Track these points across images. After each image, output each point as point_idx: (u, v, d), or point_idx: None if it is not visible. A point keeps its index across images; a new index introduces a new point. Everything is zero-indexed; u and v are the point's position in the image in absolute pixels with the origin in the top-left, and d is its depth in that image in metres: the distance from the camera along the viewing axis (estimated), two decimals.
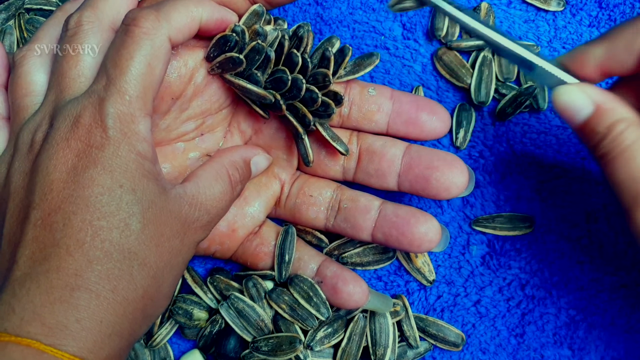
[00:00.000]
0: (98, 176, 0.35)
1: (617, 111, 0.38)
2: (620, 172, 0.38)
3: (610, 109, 0.39)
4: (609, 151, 0.38)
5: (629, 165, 0.37)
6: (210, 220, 0.41)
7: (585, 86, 0.40)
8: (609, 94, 0.39)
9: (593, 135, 0.39)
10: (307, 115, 0.45)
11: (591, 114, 0.39)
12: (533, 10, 0.56)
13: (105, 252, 0.35)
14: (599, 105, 0.39)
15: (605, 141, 0.38)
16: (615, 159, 0.38)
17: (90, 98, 0.37)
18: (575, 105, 0.39)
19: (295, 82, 0.44)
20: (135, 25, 0.37)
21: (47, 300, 0.33)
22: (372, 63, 0.48)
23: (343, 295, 0.47)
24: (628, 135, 0.37)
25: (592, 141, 0.39)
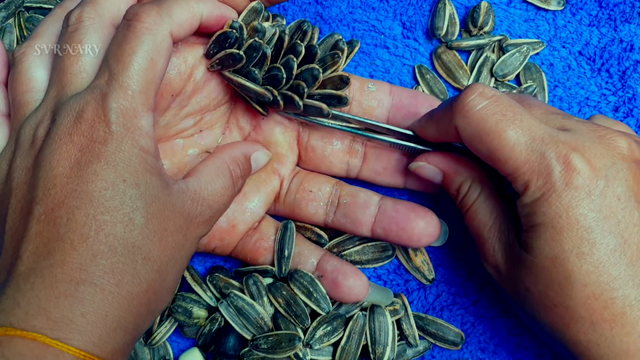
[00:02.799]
0: (101, 171, 0.35)
1: (460, 174, 0.44)
2: (470, 227, 0.44)
3: (453, 172, 0.44)
4: (461, 209, 0.45)
5: (473, 222, 0.44)
6: (213, 215, 0.41)
7: (432, 156, 0.46)
8: (455, 158, 0.45)
9: (451, 194, 0.45)
10: (300, 84, 0.45)
11: (442, 179, 0.45)
12: (533, 10, 0.56)
13: (110, 246, 0.35)
14: (444, 171, 0.45)
15: (457, 201, 0.44)
16: (465, 215, 0.44)
17: (93, 93, 0.37)
18: (428, 175, 0.46)
19: (287, 62, 0.44)
20: (137, 20, 0.38)
21: (52, 295, 0.33)
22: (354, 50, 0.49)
23: (343, 289, 0.47)
24: (470, 195, 0.44)
25: (454, 199, 0.45)
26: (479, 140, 0.39)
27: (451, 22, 0.55)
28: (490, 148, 0.38)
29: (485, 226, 0.42)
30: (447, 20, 0.55)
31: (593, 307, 0.37)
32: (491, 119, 0.38)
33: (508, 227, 0.41)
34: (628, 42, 0.55)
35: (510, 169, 0.38)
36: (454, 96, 0.41)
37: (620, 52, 0.55)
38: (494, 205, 0.42)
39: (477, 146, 0.39)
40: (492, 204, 0.42)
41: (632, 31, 0.55)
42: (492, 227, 0.42)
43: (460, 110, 0.39)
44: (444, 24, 0.55)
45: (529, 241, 0.38)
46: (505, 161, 0.38)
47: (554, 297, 0.38)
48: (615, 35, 0.55)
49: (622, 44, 0.55)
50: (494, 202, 0.42)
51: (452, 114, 0.40)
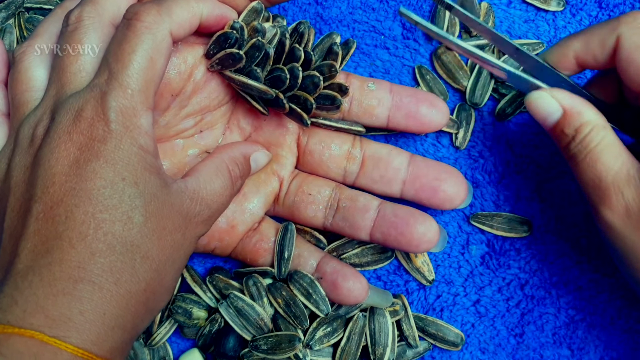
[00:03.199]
0: (100, 169, 0.35)
1: (584, 115, 0.41)
2: (587, 173, 0.40)
3: (577, 112, 0.41)
4: (576, 153, 0.41)
5: (594, 166, 0.40)
6: (211, 215, 0.41)
7: (555, 91, 0.42)
8: (578, 98, 0.42)
9: (562, 137, 0.42)
10: (308, 99, 0.45)
11: (560, 118, 0.42)
12: (533, 10, 0.56)
13: (108, 244, 0.34)
14: (567, 109, 0.41)
15: (573, 143, 0.41)
16: (582, 161, 0.41)
17: (92, 92, 0.37)
18: (545, 109, 0.42)
19: (292, 71, 0.44)
20: (137, 19, 0.38)
21: (50, 293, 0.33)
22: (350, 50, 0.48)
23: (343, 291, 0.47)
24: (593, 137, 0.40)
25: (562, 143, 0.42)
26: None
27: (451, 23, 0.55)
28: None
29: (610, 170, 0.40)
30: (447, 21, 0.55)
31: None
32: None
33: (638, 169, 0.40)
34: None
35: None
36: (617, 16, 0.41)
37: None
38: (621, 148, 0.40)
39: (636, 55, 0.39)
40: (619, 147, 0.40)
41: None
42: (620, 170, 0.40)
43: (630, 21, 0.40)
44: (443, 25, 0.55)
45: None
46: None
47: None
48: None
49: None
50: (620, 146, 0.40)
51: (619, 23, 0.40)
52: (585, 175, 0.41)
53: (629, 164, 0.39)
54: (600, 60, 0.42)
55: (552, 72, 0.45)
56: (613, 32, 0.40)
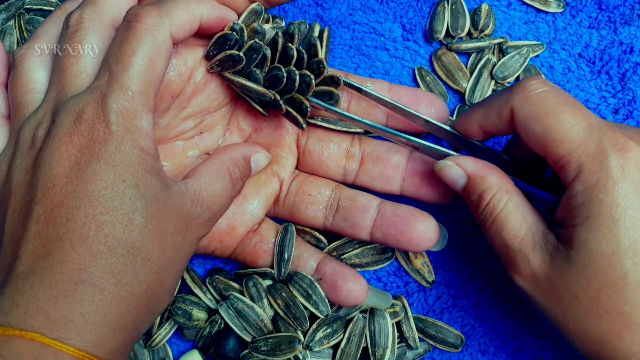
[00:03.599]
0: (101, 171, 0.35)
1: (487, 179, 0.42)
2: (495, 240, 0.41)
3: (480, 177, 0.42)
4: (483, 220, 0.42)
5: (501, 233, 0.41)
6: (212, 217, 0.41)
7: (459, 158, 0.44)
8: (483, 163, 0.43)
9: (470, 203, 0.43)
10: (303, 102, 0.45)
11: (465, 184, 0.43)
12: (533, 12, 0.56)
13: (109, 246, 0.34)
14: (470, 175, 0.43)
15: (479, 209, 0.42)
16: (489, 227, 0.41)
17: (93, 94, 0.37)
18: (452, 176, 0.44)
19: (289, 74, 0.44)
20: (137, 21, 0.38)
21: (51, 295, 0.33)
22: None
23: (342, 292, 0.47)
24: (496, 203, 0.41)
25: (471, 208, 0.43)
26: (536, 119, 0.39)
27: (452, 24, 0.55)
28: (547, 127, 0.38)
29: (516, 237, 0.40)
30: (446, 23, 0.55)
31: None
32: (552, 100, 0.39)
33: (545, 233, 0.40)
34: (628, 45, 0.55)
35: (564, 150, 0.38)
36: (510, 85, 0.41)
37: (620, 54, 0.55)
38: (525, 212, 0.41)
39: (532, 126, 0.39)
40: (522, 212, 0.41)
41: (632, 33, 0.55)
42: (525, 237, 0.40)
43: (521, 91, 0.40)
44: (442, 27, 0.55)
45: (581, 237, 0.37)
46: (561, 141, 0.38)
47: (606, 302, 0.36)
48: (615, 37, 0.55)
49: (622, 46, 0.55)
50: (525, 210, 0.41)
51: (511, 94, 0.41)
52: (493, 241, 0.42)
53: (534, 228, 0.40)
54: (501, 129, 0.43)
55: (465, 139, 0.46)
56: (507, 103, 0.41)
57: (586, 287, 0.37)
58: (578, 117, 0.38)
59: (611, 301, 0.36)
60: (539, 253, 0.39)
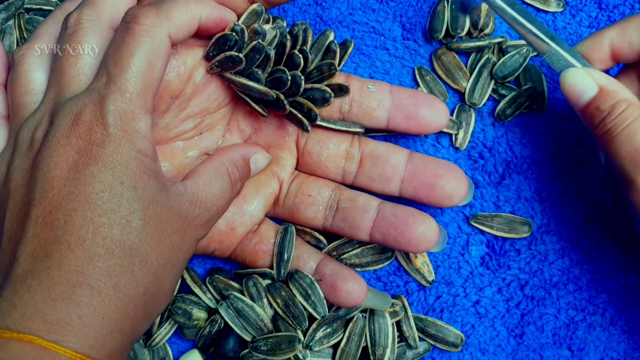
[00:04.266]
0: (99, 173, 0.35)
1: (620, 93, 0.41)
2: (624, 146, 0.40)
3: (613, 91, 0.41)
4: (612, 128, 0.41)
5: (631, 139, 0.40)
6: (211, 218, 0.41)
7: (591, 70, 0.43)
8: (613, 79, 0.42)
9: (597, 113, 0.42)
10: (313, 110, 0.45)
11: (595, 95, 0.42)
12: (533, 11, 0.56)
13: (107, 248, 0.34)
14: (603, 87, 0.42)
15: (608, 119, 0.41)
16: (619, 134, 0.40)
17: (91, 95, 0.37)
18: (581, 87, 0.42)
19: (294, 79, 0.44)
20: (136, 22, 0.38)
21: (48, 297, 0.33)
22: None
23: (342, 293, 0.47)
24: (630, 113, 0.40)
25: (596, 120, 0.42)
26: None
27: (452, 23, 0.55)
28: None
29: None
30: (446, 22, 0.55)
31: None
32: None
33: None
34: None
35: None
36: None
37: None
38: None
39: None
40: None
41: None
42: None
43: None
44: (442, 27, 0.55)
45: None
46: None
47: None
48: None
49: None
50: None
51: None
52: (622, 148, 0.41)
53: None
54: (638, 50, 0.42)
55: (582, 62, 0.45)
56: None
57: None
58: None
59: None
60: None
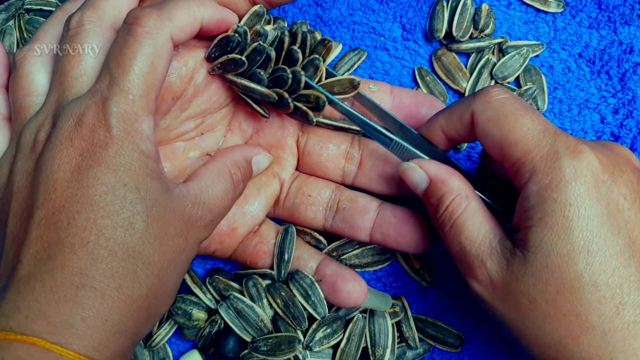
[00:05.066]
0: (102, 175, 0.35)
1: (447, 183, 0.42)
2: (453, 245, 0.41)
3: (441, 181, 0.42)
4: (441, 224, 0.42)
5: (458, 238, 0.40)
6: (213, 219, 0.41)
7: (424, 161, 0.43)
8: (445, 168, 0.43)
9: (429, 206, 0.43)
10: (320, 97, 0.45)
11: (427, 187, 0.43)
12: (533, 12, 0.56)
13: (110, 250, 0.35)
14: (432, 178, 0.42)
15: (438, 213, 0.42)
16: (447, 232, 0.41)
17: (94, 97, 0.37)
18: (414, 179, 0.44)
19: (295, 75, 0.44)
20: (138, 24, 0.37)
21: (52, 299, 0.33)
22: None
23: (342, 293, 0.47)
24: (455, 207, 0.41)
25: (431, 212, 0.43)
26: (494, 123, 0.39)
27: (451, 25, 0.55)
28: (504, 131, 0.39)
29: (473, 243, 0.40)
30: (446, 22, 0.55)
31: (604, 313, 0.35)
32: (511, 106, 0.39)
33: (502, 239, 0.39)
34: (628, 44, 0.55)
35: (519, 153, 0.38)
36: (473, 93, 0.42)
37: (620, 54, 0.55)
38: (483, 219, 0.41)
39: (490, 130, 0.39)
40: (481, 218, 0.41)
41: (632, 33, 0.55)
42: (482, 242, 0.40)
43: (482, 97, 0.41)
44: (442, 26, 0.55)
45: (536, 237, 0.37)
46: (517, 144, 0.38)
47: (563, 305, 0.36)
48: (614, 37, 0.55)
49: (621, 46, 0.55)
50: (483, 216, 0.41)
51: (473, 100, 0.41)
52: (451, 247, 0.41)
53: (492, 234, 0.40)
54: (463, 134, 0.43)
55: (433, 149, 0.46)
56: (469, 108, 0.41)
57: (543, 290, 0.37)
58: (535, 121, 0.38)
59: (568, 303, 0.36)
60: (496, 258, 0.39)
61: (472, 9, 0.55)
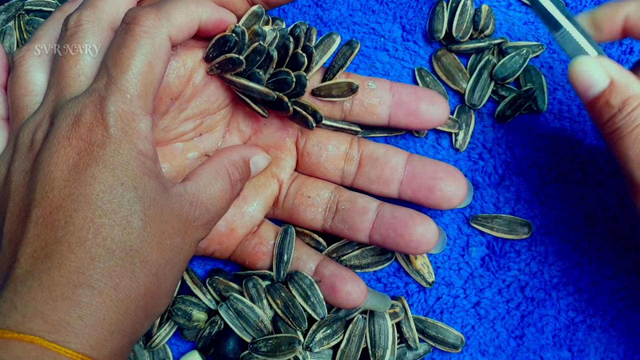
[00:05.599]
0: (99, 174, 0.35)
1: (633, 88, 0.39)
2: (632, 149, 0.38)
3: (625, 84, 0.39)
4: (622, 127, 0.38)
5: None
6: (211, 219, 0.41)
7: (603, 59, 0.40)
8: (626, 71, 0.39)
9: (606, 109, 0.39)
10: (317, 111, 0.45)
11: (605, 88, 0.39)
12: (533, 12, 0.56)
13: (107, 249, 0.35)
14: (615, 80, 0.39)
15: (618, 117, 0.38)
16: (628, 134, 0.38)
17: (91, 96, 0.37)
18: (591, 77, 0.40)
19: (300, 79, 0.44)
20: (136, 23, 0.37)
21: (49, 298, 0.33)
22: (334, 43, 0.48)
23: (341, 294, 0.47)
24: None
25: (605, 116, 0.39)
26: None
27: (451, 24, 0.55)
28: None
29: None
30: (446, 22, 0.55)
31: None
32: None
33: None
34: (627, 45, 0.55)
35: None
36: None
37: (619, 55, 0.55)
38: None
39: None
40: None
41: None
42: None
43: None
44: (442, 26, 0.55)
45: None
46: None
47: None
48: None
49: (621, 46, 0.55)
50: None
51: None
52: (630, 150, 0.38)
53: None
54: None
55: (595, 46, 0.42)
56: None
57: None
58: None
59: None
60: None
61: (472, 10, 0.55)
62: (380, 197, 0.49)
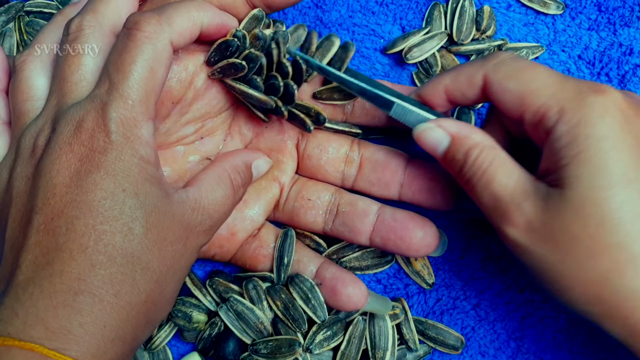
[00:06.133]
0: (101, 180, 0.35)
1: (471, 138, 0.41)
2: (484, 195, 0.40)
3: (465, 136, 0.41)
4: (471, 176, 0.41)
5: (491, 186, 0.40)
6: (213, 225, 0.41)
7: (441, 120, 0.43)
8: (463, 124, 0.42)
9: (454, 164, 0.42)
10: (321, 114, 0.46)
11: (449, 145, 0.42)
12: (532, 14, 0.56)
13: (109, 256, 0.35)
14: (454, 135, 0.42)
15: (465, 167, 0.41)
16: (477, 183, 0.40)
17: (93, 102, 0.37)
18: (433, 139, 0.43)
19: (287, 87, 0.44)
20: (137, 29, 0.37)
21: (50, 305, 0.33)
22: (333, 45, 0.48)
23: (342, 297, 0.47)
24: (484, 158, 0.40)
25: (455, 170, 0.42)
26: (512, 77, 0.40)
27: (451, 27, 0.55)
28: (524, 81, 0.39)
29: (506, 187, 0.39)
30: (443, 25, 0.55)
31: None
32: (525, 62, 0.41)
33: (535, 182, 0.39)
34: (627, 46, 0.55)
35: (544, 97, 0.38)
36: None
37: (619, 56, 0.55)
38: (513, 165, 0.40)
39: (507, 84, 0.40)
40: (511, 165, 0.40)
41: (632, 35, 0.55)
42: (515, 187, 0.39)
43: (494, 58, 0.41)
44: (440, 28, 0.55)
45: (573, 173, 0.36)
46: (539, 90, 0.38)
47: (605, 237, 0.35)
48: (614, 39, 0.55)
49: (621, 47, 0.55)
50: (512, 163, 0.40)
51: (484, 61, 0.42)
52: (482, 197, 0.40)
53: (524, 178, 0.39)
54: (469, 96, 0.43)
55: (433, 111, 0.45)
56: (480, 69, 0.41)
57: (584, 225, 0.36)
58: (552, 71, 0.39)
59: (610, 235, 0.35)
60: (532, 199, 0.38)
61: (472, 11, 0.55)
62: (381, 199, 0.49)
